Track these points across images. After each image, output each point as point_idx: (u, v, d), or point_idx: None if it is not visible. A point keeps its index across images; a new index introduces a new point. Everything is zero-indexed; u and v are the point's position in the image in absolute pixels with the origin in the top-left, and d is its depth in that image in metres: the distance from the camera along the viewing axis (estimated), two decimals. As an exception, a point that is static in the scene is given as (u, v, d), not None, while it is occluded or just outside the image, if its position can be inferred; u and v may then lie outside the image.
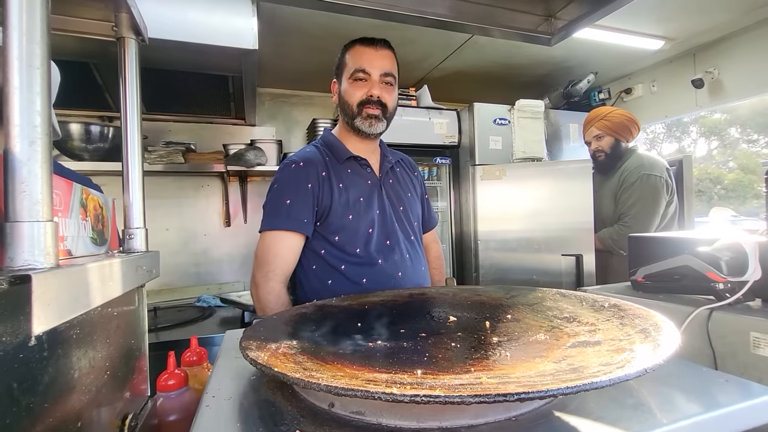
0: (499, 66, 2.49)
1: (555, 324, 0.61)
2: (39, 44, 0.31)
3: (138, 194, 0.61)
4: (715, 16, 1.98)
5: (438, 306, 0.79)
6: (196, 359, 0.81)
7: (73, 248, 0.47)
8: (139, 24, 0.60)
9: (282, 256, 1.03)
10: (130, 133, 0.62)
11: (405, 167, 1.27)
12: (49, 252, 0.31)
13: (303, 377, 0.38)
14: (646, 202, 1.86)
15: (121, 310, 0.53)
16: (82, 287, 0.35)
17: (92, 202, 0.55)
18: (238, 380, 0.56)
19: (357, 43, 1.08)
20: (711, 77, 2.27)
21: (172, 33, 1.43)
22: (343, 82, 1.09)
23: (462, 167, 2.42)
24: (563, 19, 1.77)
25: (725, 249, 0.75)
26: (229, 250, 2.49)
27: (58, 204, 0.44)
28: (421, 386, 0.36)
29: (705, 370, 0.53)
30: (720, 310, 0.70)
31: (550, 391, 0.32)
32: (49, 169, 0.32)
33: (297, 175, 1.04)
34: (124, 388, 0.54)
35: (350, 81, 1.07)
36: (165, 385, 0.68)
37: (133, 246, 0.59)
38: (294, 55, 2.21)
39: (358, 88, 1.06)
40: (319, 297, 1.01)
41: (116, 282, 0.44)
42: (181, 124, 2.41)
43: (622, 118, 1.97)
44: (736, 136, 8.17)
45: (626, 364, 0.37)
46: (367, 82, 1.05)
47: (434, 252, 1.35)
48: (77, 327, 0.40)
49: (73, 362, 0.38)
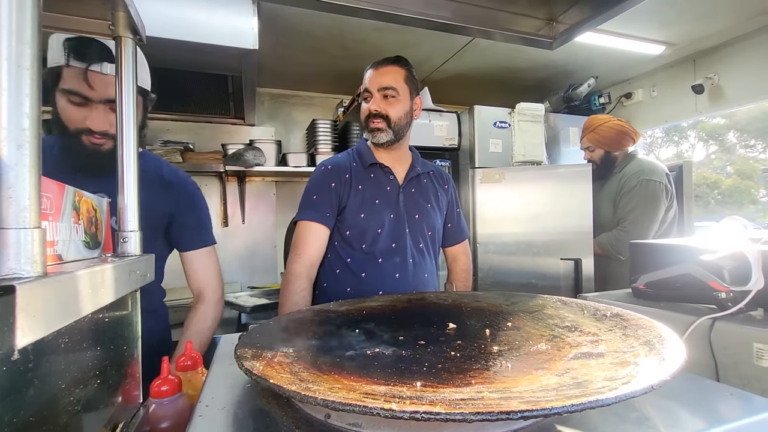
0: (499, 69, 2.48)
1: (556, 333, 0.60)
2: (29, 44, 0.30)
3: (132, 197, 0.60)
4: (716, 22, 1.98)
5: (437, 312, 0.78)
6: (191, 364, 0.79)
7: (64, 253, 0.46)
8: (136, 23, 0.59)
9: (307, 242, 1.16)
10: (125, 133, 0.61)
11: (435, 179, 1.33)
12: (36, 260, 0.30)
13: (299, 390, 0.37)
14: (645, 207, 1.86)
15: (113, 315, 0.52)
16: (72, 296, 0.34)
17: (85, 205, 0.54)
18: (233, 389, 0.55)
19: (369, 68, 1.22)
20: (711, 83, 2.27)
21: (172, 32, 1.41)
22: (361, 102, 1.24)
23: (461, 170, 2.41)
24: (565, 23, 1.76)
25: (728, 258, 0.75)
26: (226, 251, 2.47)
27: (49, 208, 0.43)
28: (421, 401, 0.35)
29: (708, 383, 0.52)
30: (722, 320, 0.69)
31: (554, 409, 0.31)
32: (38, 173, 0.31)
33: (324, 176, 1.20)
34: (116, 396, 0.53)
35: (362, 101, 1.22)
36: (158, 391, 0.66)
37: (127, 249, 0.58)
38: (294, 56, 2.20)
39: (365, 106, 1.20)
40: (328, 282, 1.21)
41: (108, 288, 0.43)
42: (179, 123, 2.40)
43: (611, 132, 1.95)
44: (734, 141, 8.20)
45: (632, 379, 0.36)
46: (370, 99, 1.19)
47: (462, 264, 1.39)
48: (66, 335, 0.38)
49: (60, 371, 0.37)
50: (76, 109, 0.85)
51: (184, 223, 1.07)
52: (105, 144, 0.89)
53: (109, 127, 0.88)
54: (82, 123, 0.85)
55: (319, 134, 2.31)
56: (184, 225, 1.07)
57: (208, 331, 1.10)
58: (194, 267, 1.11)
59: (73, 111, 0.85)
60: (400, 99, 1.19)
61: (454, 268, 1.38)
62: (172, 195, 1.05)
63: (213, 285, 1.13)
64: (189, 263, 1.11)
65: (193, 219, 1.09)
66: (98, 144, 0.88)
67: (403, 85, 1.19)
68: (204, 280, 1.12)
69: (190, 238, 1.09)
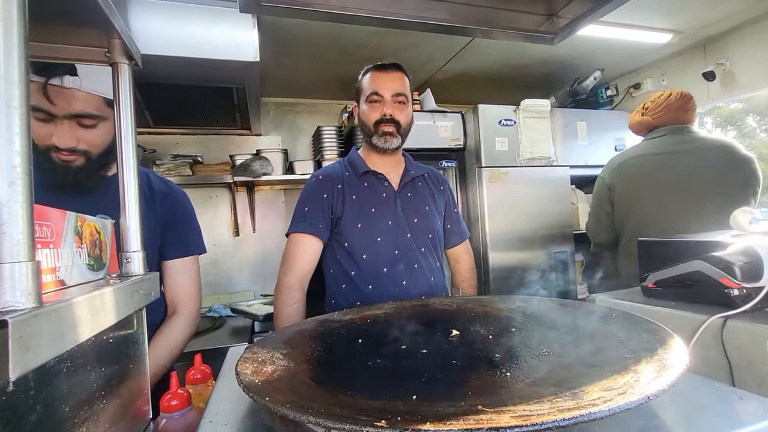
0: (502, 66, 2.46)
1: (559, 339, 0.59)
2: (17, 85, 0.31)
3: (135, 217, 0.61)
4: (725, 6, 1.93)
5: (441, 319, 0.78)
6: (200, 377, 0.81)
7: (67, 277, 0.47)
8: (131, 49, 0.60)
9: (297, 255, 1.15)
10: (125, 156, 0.62)
11: (430, 181, 1.32)
12: (31, 292, 0.31)
13: (294, 407, 0.37)
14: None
15: (117, 335, 0.53)
16: (68, 324, 0.35)
17: (88, 228, 0.55)
18: (237, 403, 0.56)
19: (371, 70, 1.20)
20: (723, 69, 2.20)
21: (174, 49, 1.44)
22: (362, 105, 1.21)
23: (468, 170, 2.39)
24: (565, 17, 1.73)
25: (739, 253, 0.73)
26: (238, 260, 2.51)
27: (50, 235, 0.44)
28: (413, 416, 0.35)
29: (718, 386, 0.51)
30: (735, 318, 0.67)
31: (545, 425, 0.30)
32: (30, 208, 0.32)
33: (316, 187, 1.19)
34: (124, 414, 0.54)
35: (367, 103, 1.18)
36: (168, 405, 0.68)
37: (130, 270, 0.59)
38: (296, 65, 2.22)
39: (374, 110, 1.17)
40: (335, 298, 1.20)
41: (109, 311, 0.44)
42: (188, 137, 2.45)
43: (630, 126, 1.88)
44: (753, 126, 7.93)
45: (628, 389, 0.36)
46: (381, 103, 1.16)
47: (465, 264, 1.37)
48: (68, 360, 0.40)
49: (64, 395, 0.38)
50: (41, 125, 0.81)
51: (172, 231, 1.03)
52: (75, 161, 0.86)
53: (76, 143, 0.84)
54: (48, 139, 0.82)
55: (325, 141, 2.33)
56: (172, 234, 1.03)
57: (178, 346, 1.01)
58: (174, 277, 1.04)
59: (38, 127, 0.81)
60: (408, 106, 1.20)
61: (458, 268, 1.37)
62: (165, 205, 1.02)
63: (191, 297, 1.07)
64: (169, 273, 1.04)
65: (180, 228, 1.05)
66: (67, 161, 0.85)
67: (409, 92, 1.21)
68: (181, 292, 1.05)
69: (174, 246, 1.04)
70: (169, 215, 1.03)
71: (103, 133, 0.89)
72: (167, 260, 1.04)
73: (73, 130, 0.84)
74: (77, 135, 0.85)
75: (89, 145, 0.87)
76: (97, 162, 0.90)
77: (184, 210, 1.08)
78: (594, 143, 2.49)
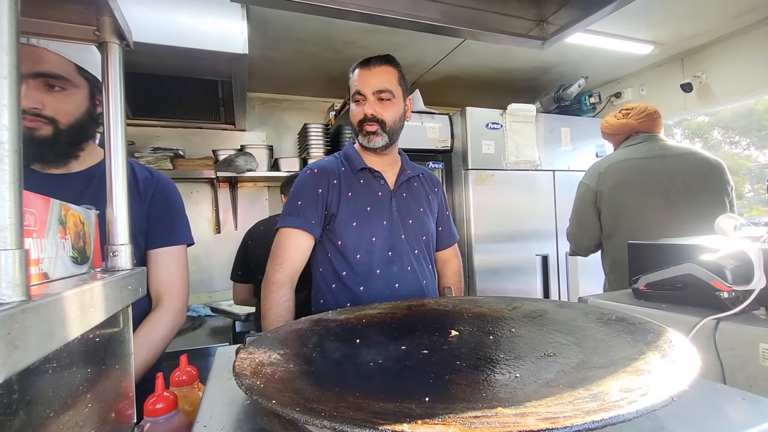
0: (490, 70, 2.49)
1: (562, 340, 0.59)
2: (6, 51, 0.28)
3: (123, 208, 0.57)
4: (703, 21, 2.01)
5: (438, 319, 0.77)
6: (186, 379, 0.77)
7: (51, 270, 0.43)
8: (122, 28, 0.57)
9: (289, 251, 1.09)
10: (113, 142, 0.58)
11: (424, 182, 1.28)
12: (18, 284, 0.27)
13: (304, 411, 0.35)
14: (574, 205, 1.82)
15: (103, 333, 0.49)
16: (58, 320, 0.32)
17: (72, 218, 0.51)
18: (231, 405, 0.53)
19: (357, 67, 1.15)
20: (699, 81, 2.30)
21: (160, 37, 1.38)
22: (350, 103, 1.17)
23: (455, 171, 2.40)
24: (555, 23, 1.76)
25: (729, 257, 0.74)
26: (219, 258, 2.43)
27: (33, 224, 0.40)
28: (433, 419, 0.34)
29: (719, 387, 0.51)
30: (727, 320, 0.69)
31: (575, 427, 0.29)
32: (19, 190, 0.28)
33: (310, 181, 1.13)
34: (108, 417, 0.50)
35: (353, 103, 1.15)
36: (152, 409, 0.64)
37: (117, 264, 0.55)
38: (284, 60, 2.18)
39: (358, 109, 1.13)
40: (324, 298, 1.14)
41: (98, 308, 0.41)
42: (169, 130, 2.36)
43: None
44: (719, 138, 8.33)
45: (649, 390, 0.35)
46: (363, 102, 1.12)
47: (453, 267, 1.35)
48: (53, 358, 0.36)
49: (43, 399, 0.34)
50: None
51: (156, 219, 0.97)
52: (39, 128, 0.78)
53: (42, 107, 0.78)
54: None
55: (311, 138, 2.29)
56: (156, 221, 0.97)
57: (160, 343, 0.93)
58: (159, 268, 0.97)
59: None
60: (395, 102, 1.13)
61: (446, 271, 1.34)
62: (148, 192, 0.96)
63: (176, 290, 0.98)
64: (153, 263, 0.97)
65: (165, 215, 0.99)
66: (31, 128, 0.77)
67: (397, 86, 1.14)
68: (165, 284, 0.96)
69: (159, 235, 0.97)
70: (153, 201, 0.97)
71: (73, 102, 0.82)
72: (151, 248, 0.97)
73: (39, 93, 0.78)
74: (42, 98, 0.78)
75: (55, 112, 0.80)
76: (66, 135, 0.82)
77: (170, 197, 1.01)
78: (577, 149, 2.54)
